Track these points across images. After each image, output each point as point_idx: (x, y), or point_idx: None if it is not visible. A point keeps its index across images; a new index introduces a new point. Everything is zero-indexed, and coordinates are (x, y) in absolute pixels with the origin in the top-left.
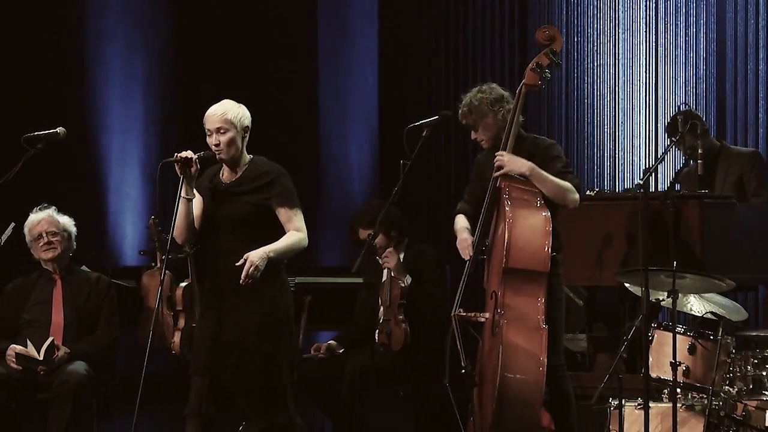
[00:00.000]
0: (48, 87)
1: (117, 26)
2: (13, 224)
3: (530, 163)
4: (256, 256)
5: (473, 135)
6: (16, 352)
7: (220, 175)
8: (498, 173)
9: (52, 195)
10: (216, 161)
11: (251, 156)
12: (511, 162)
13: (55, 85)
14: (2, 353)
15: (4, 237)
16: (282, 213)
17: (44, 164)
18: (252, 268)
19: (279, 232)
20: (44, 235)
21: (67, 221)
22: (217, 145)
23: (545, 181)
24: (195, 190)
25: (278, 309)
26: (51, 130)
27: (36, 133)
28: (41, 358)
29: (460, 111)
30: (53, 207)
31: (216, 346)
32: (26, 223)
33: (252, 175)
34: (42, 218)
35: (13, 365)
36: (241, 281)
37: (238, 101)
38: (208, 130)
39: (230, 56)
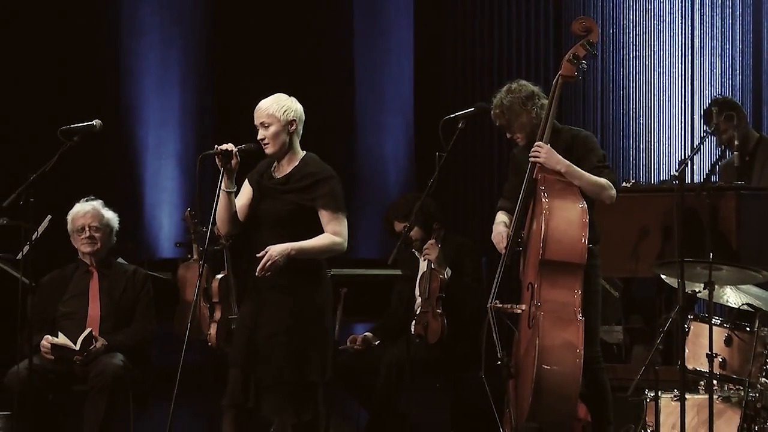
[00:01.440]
0: (84, 79)
1: (153, 19)
2: (49, 217)
3: (566, 162)
4: (276, 250)
5: (509, 135)
6: (51, 344)
7: (272, 169)
8: (534, 160)
9: (89, 188)
10: (260, 154)
11: (305, 153)
12: (548, 157)
13: (92, 77)
14: (38, 346)
15: (41, 229)
16: (324, 215)
17: (80, 157)
18: (269, 262)
19: (319, 233)
20: (87, 228)
21: (111, 216)
22: (263, 139)
23: (581, 179)
24: (246, 182)
25: (312, 306)
26: (87, 123)
27: (72, 126)
28: (77, 348)
29: (492, 113)
30: (100, 201)
31: (251, 340)
32: (71, 212)
33: (300, 174)
34: (87, 211)
35: (48, 356)
36: (256, 272)
37: (274, 93)
38: (256, 124)
39: (266, 49)
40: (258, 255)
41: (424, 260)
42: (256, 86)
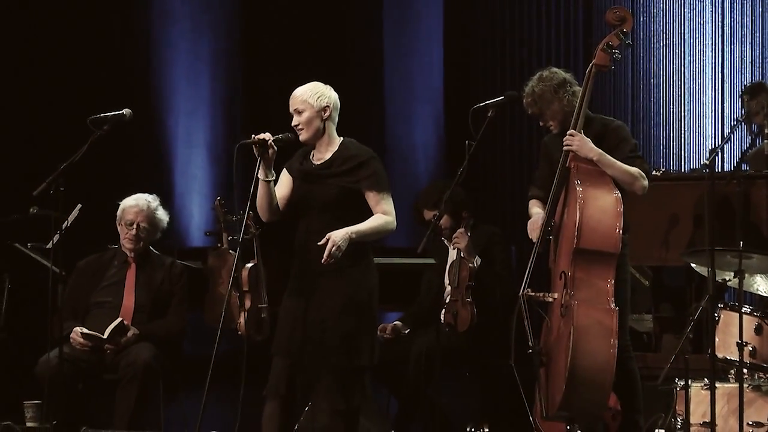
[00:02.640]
0: (114, 68)
1: (183, 7)
2: (79, 206)
3: (599, 150)
4: (338, 235)
5: (542, 123)
6: (80, 334)
7: (311, 156)
8: (567, 148)
9: (118, 176)
10: (297, 144)
11: (342, 138)
12: (581, 145)
13: (122, 66)
14: (68, 335)
15: (71, 218)
16: (371, 197)
17: (110, 146)
18: (334, 248)
19: (367, 215)
20: (136, 225)
21: (163, 218)
22: (297, 126)
23: (613, 167)
24: (285, 170)
25: (362, 290)
26: (117, 112)
27: (102, 115)
28: (105, 337)
29: (524, 101)
30: (157, 199)
31: (299, 326)
32: (126, 201)
33: (341, 157)
34: (142, 209)
35: (84, 347)
36: (322, 260)
37: (304, 82)
38: (291, 110)
39: (296, 38)
40: (319, 243)
41: (454, 249)
42: (285, 75)
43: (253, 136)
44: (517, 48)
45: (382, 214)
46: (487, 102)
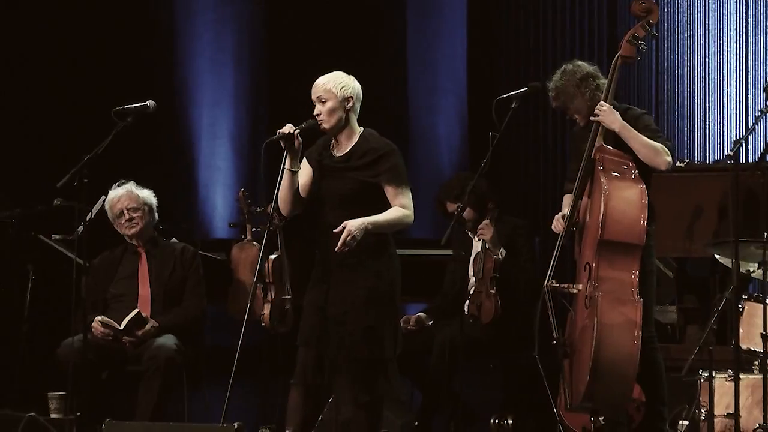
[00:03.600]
0: (138, 60)
1: None
2: (103, 197)
3: (622, 121)
4: (354, 225)
5: (567, 115)
6: (100, 322)
7: (331, 148)
8: (593, 119)
9: (142, 168)
10: (319, 130)
11: (362, 129)
12: (607, 114)
13: (145, 58)
14: (90, 325)
15: (95, 210)
16: (390, 190)
17: (134, 138)
18: (349, 237)
19: (385, 208)
20: (125, 211)
21: (147, 194)
22: (318, 115)
23: (635, 139)
24: (305, 159)
25: (383, 283)
26: (141, 104)
27: (126, 107)
28: (121, 328)
29: (549, 95)
30: (132, 182)
31: (322, 319)
32: (106, 201)
33: (361, 150)
34: (121, 195)
35: (106, 337)
36: (336, 249)
37: (327, 73)
38: (313, 99)
39: (319, 29)
40: (335, 231)
41: (479, 240)
42: (309, 66)
43: (278, 131)
44: (541, 39)
45: (400, 207)
46: (510, 93)
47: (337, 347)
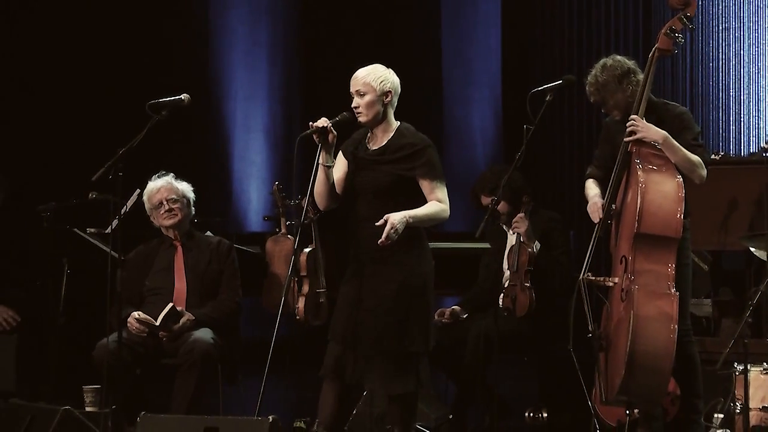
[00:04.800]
0: (173, 54)
1: None
2: (138, 191)
3: (664, 133)
4: (396, 218)
5: (604, 110)
6: (136, 318)
7: (366, 141)
8: (631, 138)
9: (177, 162)
10: (354, 123)
11: (399, 123)
12: (645, 129)
13: (180, 52)
14: (126, 320)
15: (130, 203)
16: (425, 184)
17: (169, 131)
18: (392, 230)
19: (419, 202)
20: (164, 202)
21: (185, 187)
22: (356, 108)
23: (677, 153)
24: (341, 153)
25: (415, 277)
26: (175, 97)
27: (161, 100)
28: (157, 324)
29: (587, 89)
30: (171, 174)
31: (354, 313)
32: (145, 191)
33: (396, 144)
34: (161, 186)
35: (141, 333)
36: (379, 242)
37: (361, 67)
38: (351, 92)
39: (354, 22)
40: (377, 224)
41: (513, 233)
42: (342, 59)
43: (311, 125)
44: (576, 32)
45: (437, 202)
46: (545, 86)
47: (370, 341)
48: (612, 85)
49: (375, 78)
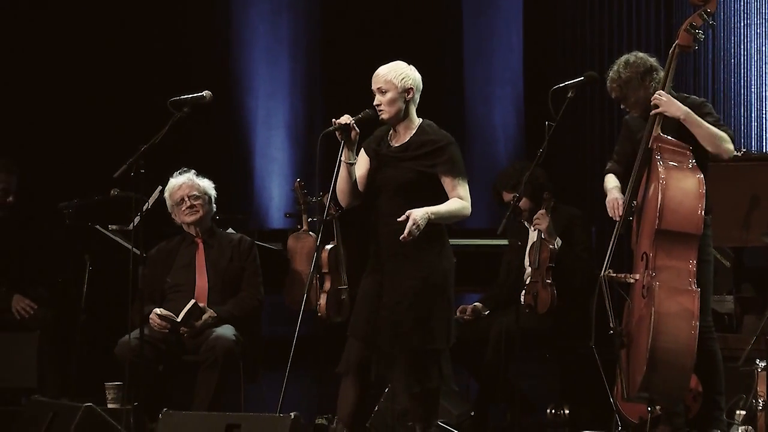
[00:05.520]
0: (194, 50)
1: None
2: (160, 188)
3: (686, 108)
4: (418, 214)
5: (623, 106)
6: (158, 315)
7: (388, 137)
8: (654, 112)
9: (199, 158)
10: (377, 121)
11: (421, 120)
12: (668, 103)
13: (202, 48)
14: (148, 316)
15: (152, 200)
16: (447, 182)
17: (190, 128)
18: (414, 226)
19: (440, 199)
20: (186, 199)
21: (207, 184)
22: (378, 105)
23: (700, 126)
24: (362, 151)
25: (436, 273)
26: (197, 94)
27: (182, 97)
28: (179, 320)
29: (608, 85)
30: (192, 170)
31: (374, 309)
32: (167, 188)
33: (419, 141)
34: (183, 182)
35: (163, 330)
36: (401, 237)
37: (383, 63)
38: (373, 89)
39: (375, 19)
40: (399, 219)
41: (534, 230)
42: (364, 57)
43: (333, 121)
44: (597, 28)
45: (458, 199)
46: (566, 83)
47: (390, 337)
48: (634, 82)
49: (397, 75)
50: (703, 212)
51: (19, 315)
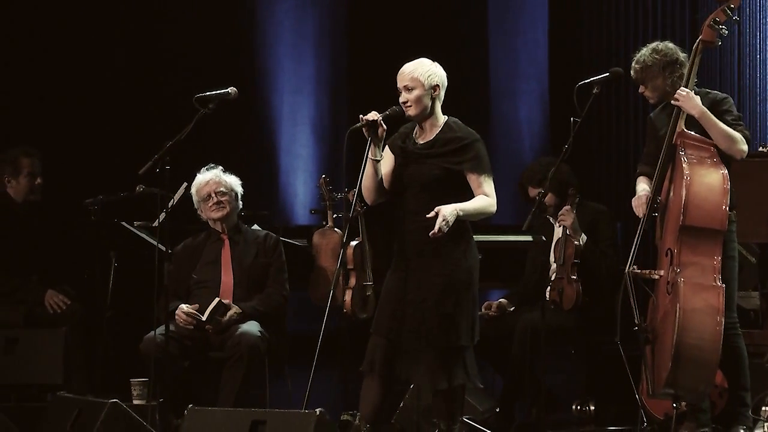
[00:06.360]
0: (219, 47)
1: None
2: (185, 184)
3: (702, 107)
4: (447, 210)
5: (641, 89)
6: (184, 312)
7: (414, 134)
8: (673, 103)
9: (224, 155)
10: (403, 118)
11: (446, 117)
12: (687, 99)
13: (227, 45)
14: (173, 312)
15: (177, 196)
16: (473, 179)
17: (216, 124)
18: (444, 223)
19: (466, 196)
20: (213, 195)
21: (234, 180)
22: (405, 103)
23: (714, 126)
24: (388, 148)
25: (461, 270)
26: (222, 90)
27: (208, 93)
28: (204, 319)
29: (632, 65)
30: (220, 167)
31: (398, 307)
32: (194, 184)
33: (445, 138)
34: (210, 178)
35: (188, 326)
36: (430, 233)
37: (408, 60)
38: (399, 87)
39: (401, 15)
40: (428, 216)
41: (560, 226)
42: (389, 53)
43: (361, 117)
44: (623, 24)
45: (485, 196)
46: (592, 78)
47: (415, 334)
48: (655, 69)
49: (422, 72)
50: (727, 208)
51: (52, 310)
